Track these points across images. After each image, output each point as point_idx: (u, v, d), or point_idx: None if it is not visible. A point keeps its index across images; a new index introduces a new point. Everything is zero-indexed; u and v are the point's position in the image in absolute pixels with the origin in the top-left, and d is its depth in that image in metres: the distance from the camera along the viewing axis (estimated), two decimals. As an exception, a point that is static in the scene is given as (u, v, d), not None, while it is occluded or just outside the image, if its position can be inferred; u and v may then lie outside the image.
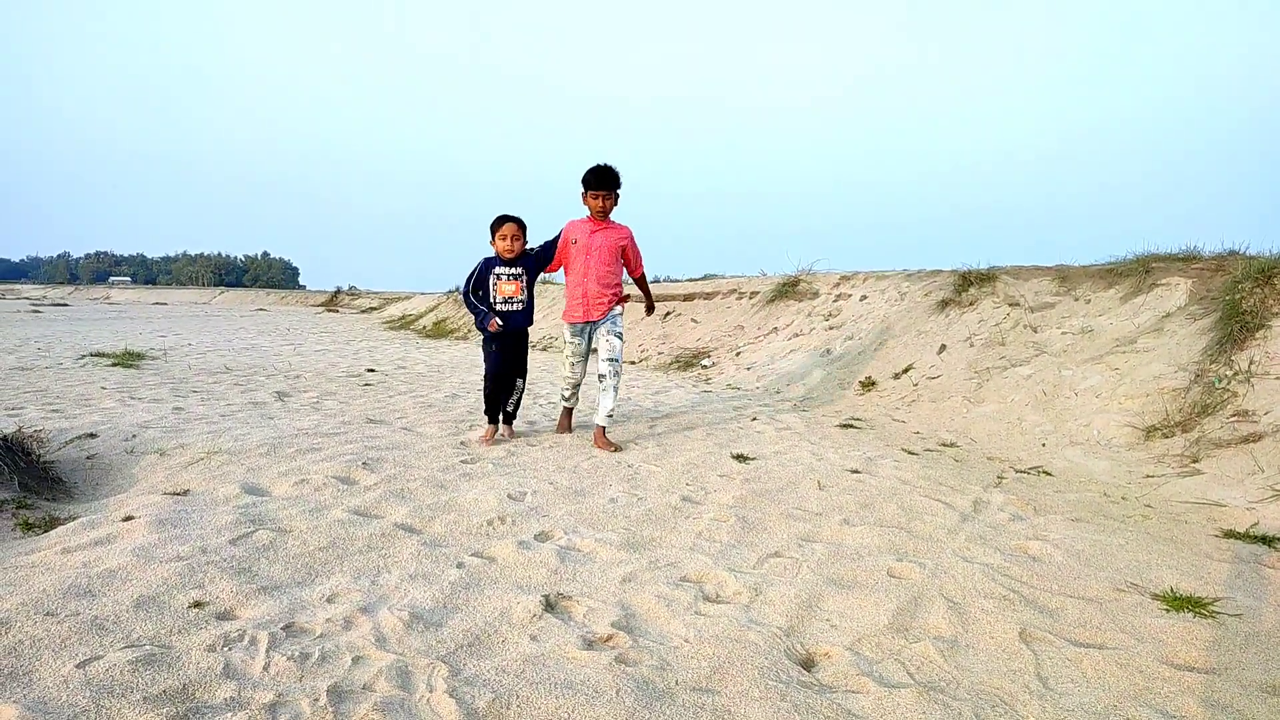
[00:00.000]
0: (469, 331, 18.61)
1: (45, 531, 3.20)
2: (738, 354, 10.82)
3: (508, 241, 5.33)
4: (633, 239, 5.62)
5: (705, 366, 10.79)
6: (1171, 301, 6.33)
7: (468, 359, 12.30)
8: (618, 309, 5.61)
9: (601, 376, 5.52)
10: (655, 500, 4.09)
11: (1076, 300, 7.21)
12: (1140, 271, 6.93)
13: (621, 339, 5.52)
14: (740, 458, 5.15)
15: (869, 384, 7.91)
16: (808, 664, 2.41)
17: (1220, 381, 5.08)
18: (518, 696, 2.14)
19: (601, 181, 5.39)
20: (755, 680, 2.26)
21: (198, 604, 2.58)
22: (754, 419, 6.85)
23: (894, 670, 2.36)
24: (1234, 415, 4.77)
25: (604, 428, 5.51)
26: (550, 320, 16.88)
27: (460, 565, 3.06)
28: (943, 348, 7.78)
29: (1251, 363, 5.04)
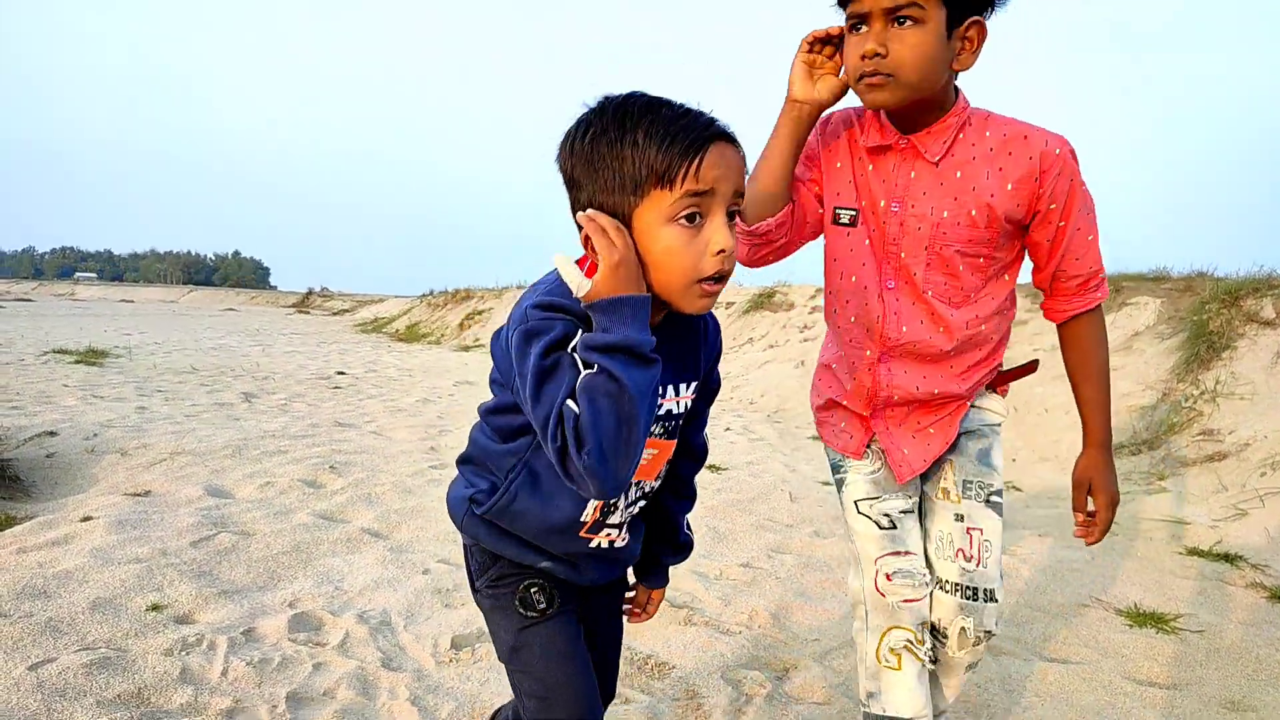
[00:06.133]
0: (442, 336, 18.49)
1: (1, 530, 3.13)
2: (711, 364, 10.83)
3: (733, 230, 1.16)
4: (1068, 172, 1.50)
5: (679, 376, 10.78)
6: (1141, 321, 6.42)
7: (440, 363, 12.21)
8: (988, 406, 1.74)
9: (938, 633, 1.67)
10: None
11: (1047, 317, 7.31)
12: (1110, 290, 7.03)
13: (997, 505, 1.67)
14: (712, 468, 5.15)
15: (841, 396, 7.94)
16: (776, 676, 2.40)
17: (1187, 400, 5.15)
18: (480, 705, 2.11)
19: None
20: (723, 691, 2.24)
21: (155, 607, 2.53)
22: (727, 429, 6.85)
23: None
24: (1200, 434, 4.84)
25: None
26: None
27: (426, 571, 3.02)
28: (914, 362, 7.85)
29: (1217, 382, 5.12)
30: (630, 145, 1.09)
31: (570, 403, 1.05)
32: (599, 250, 1.08)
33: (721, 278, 1.15)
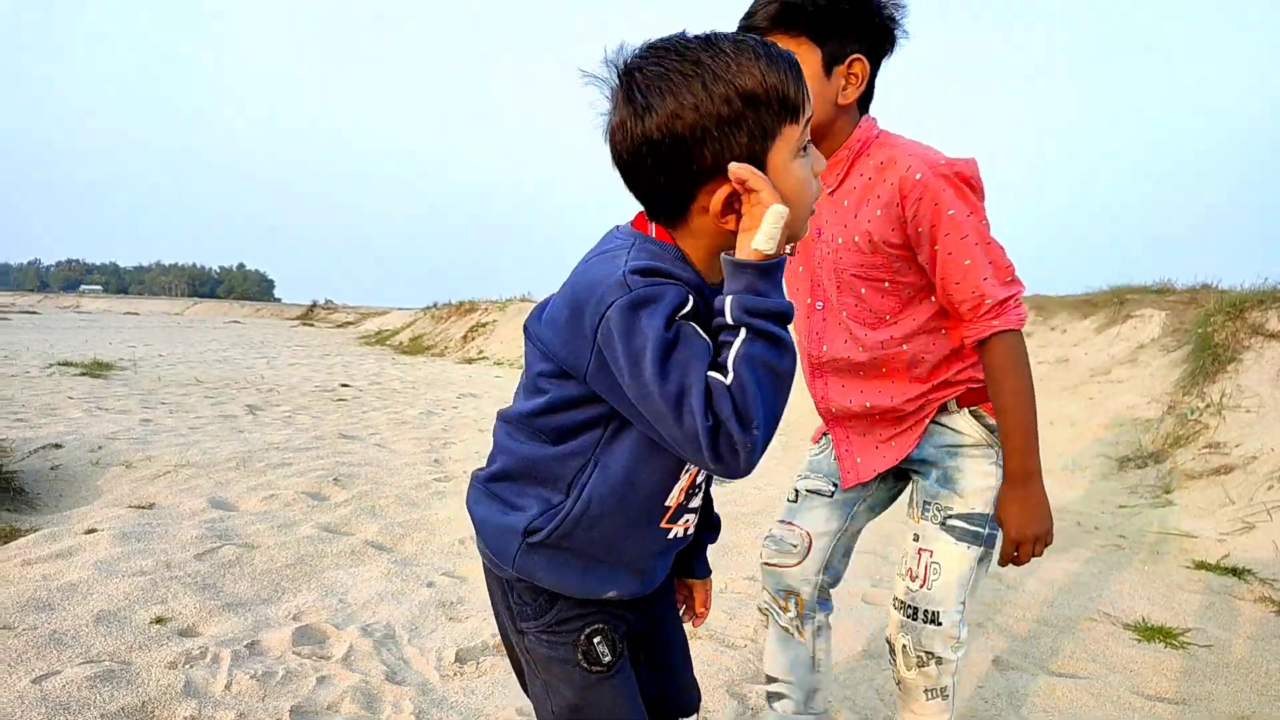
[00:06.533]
0: (446, 348, 18.50)
1: (5, 543, 3.12)
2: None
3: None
4: (930, 196, 1.49)
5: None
6: (1145, 333, 6.41)
7: (444, 376, 12.23)
8: (955, 426, 1.66)
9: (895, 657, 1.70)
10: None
11: (1052, 330, 7.29)
12: (1115, 303, 7.01)
13: (956, 529, 1.63)
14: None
15: (845, 409, 7.93)
16: (781, 690, 2.39)
17: (1193, 413, 5.13)
18: (485, 718, 2.10)
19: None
20: (728, 705, 2.23)
21: (159, 620, 2.52)
22: (730, 442, 6.84)
23: (868, 697, 2.34)
24: (1206, 447, 4.82)
25: None
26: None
27: (431, 584, 3.01)
28: (919, 374, 7.84)
29: (1223, 395, 5.10)
30: (756, 85, 0.98)
31: (713, 374, 0.94)
32: (762, 196, 0.98)
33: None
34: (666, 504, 1.13)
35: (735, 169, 0.97)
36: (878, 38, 1.54)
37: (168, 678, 2.16)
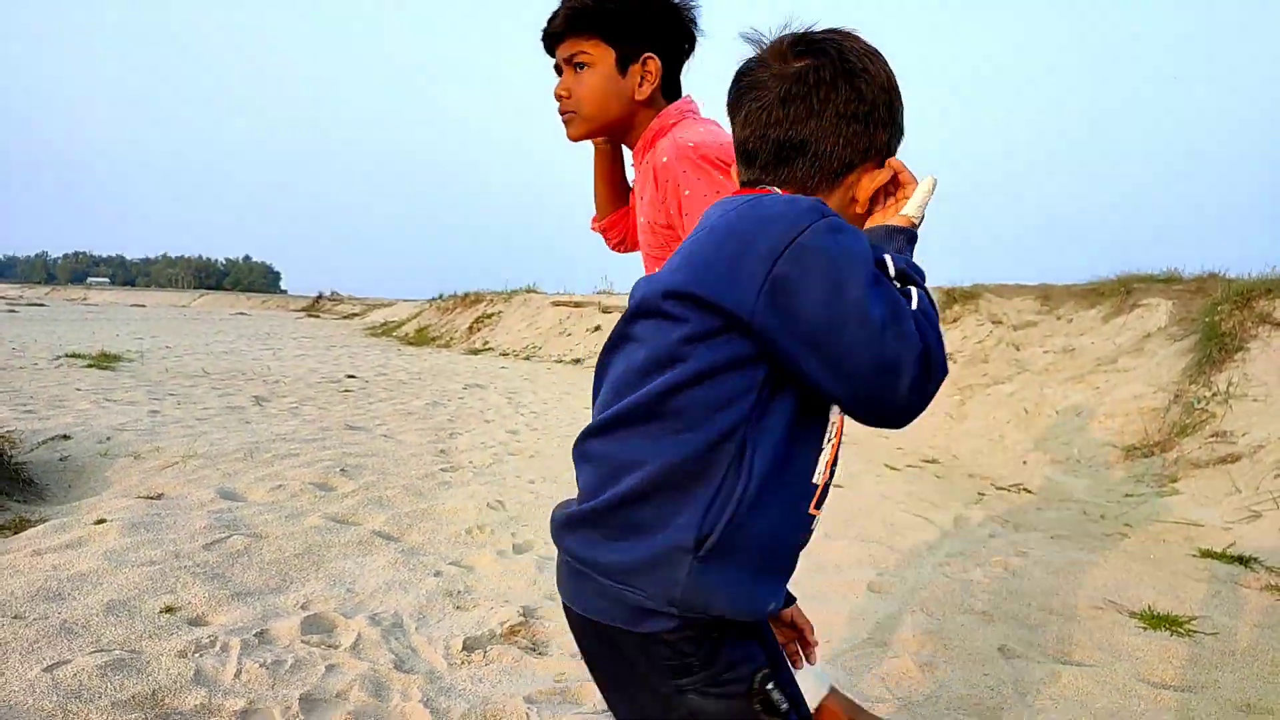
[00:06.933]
0: (451, 339, 18.52)
1: (15, 533, 3.15)
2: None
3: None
4: (674, 178, 1.59)
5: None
6: (1152, 322, 6.39)
7: (450, 367, 12.24)
8: None
9: None
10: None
11: (1059, 319, 7.28)
12: (1121, 292, 6.99)
13: None
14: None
15: (851, 399, 7.92)
16: (787, 678, 2.40)
17: (1199, 402, 5.12)
18: (493, 706, 2.11)
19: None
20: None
21: (169, 609, 2.54)
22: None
23: (873, 685, 2.35)
24: (1212, 436, 4.81)
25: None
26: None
27: (438, 574, 3.03)
28: (925, 364, 7.83)
29: (1230, 384, 5.09)
30: (899, 101, 1.08)
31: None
32: (910, 190, 1.06)
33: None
34: (814, 481, 0.98)
35: (895, 161, 1.06)
36: (670, 37, 1.65)
37: (178, 666, 2.18)
